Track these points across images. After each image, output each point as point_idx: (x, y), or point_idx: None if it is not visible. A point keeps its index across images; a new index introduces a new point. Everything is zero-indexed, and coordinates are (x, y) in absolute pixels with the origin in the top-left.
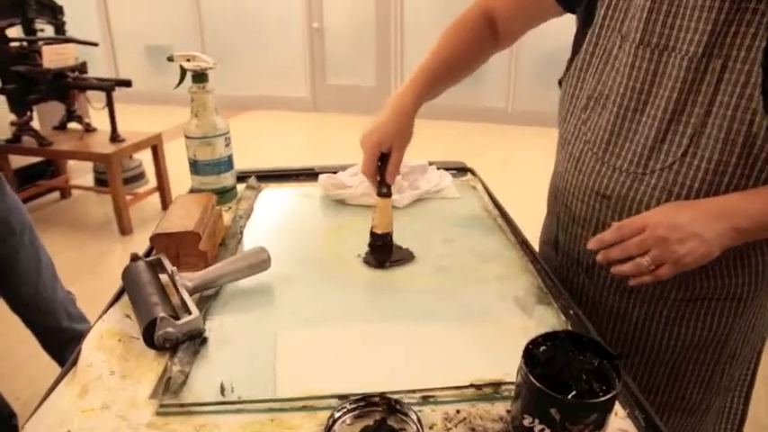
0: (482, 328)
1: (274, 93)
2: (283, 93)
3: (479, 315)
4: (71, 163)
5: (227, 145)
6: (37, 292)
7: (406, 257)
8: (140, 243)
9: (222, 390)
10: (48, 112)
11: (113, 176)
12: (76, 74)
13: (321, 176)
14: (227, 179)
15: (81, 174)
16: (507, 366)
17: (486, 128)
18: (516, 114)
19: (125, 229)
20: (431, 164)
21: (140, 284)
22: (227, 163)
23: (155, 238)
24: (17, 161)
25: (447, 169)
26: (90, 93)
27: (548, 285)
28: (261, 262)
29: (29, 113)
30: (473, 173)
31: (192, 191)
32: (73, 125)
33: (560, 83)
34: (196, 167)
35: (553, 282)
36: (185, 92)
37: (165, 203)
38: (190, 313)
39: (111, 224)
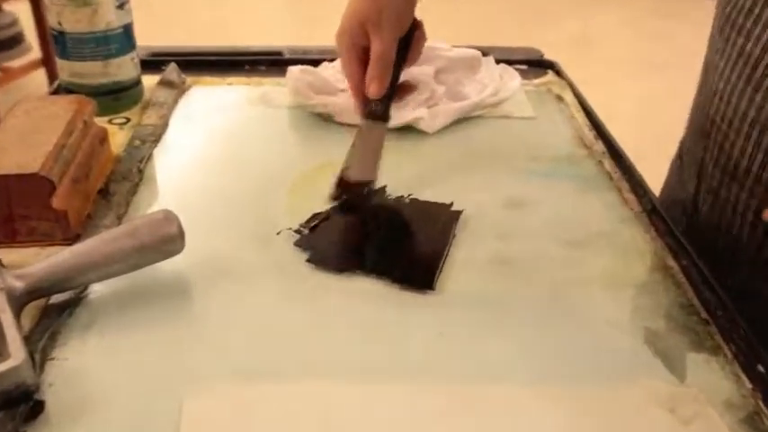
0: (580, 401)
1: None
2: None
3: (573, 368)
4: None
5: (122, 5)
6: None
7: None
8: None
9: None
10: None
11: None
12: None
13: (292, 70)
14: (120, 68)
15: None
16: None
17: None
18: None
19: None
20: (484, 54)
21: None
22: (122, 38)
23: None
24: None
25: (511, 63)
26: None
27: (708, 307)
28: (163, 240)
29: None
30: (557, 71)
31: (58, 91)
32: None
33: None
34: (63, 46)
35: (720, 299)
36: None
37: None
38: (5, 356)
39: None
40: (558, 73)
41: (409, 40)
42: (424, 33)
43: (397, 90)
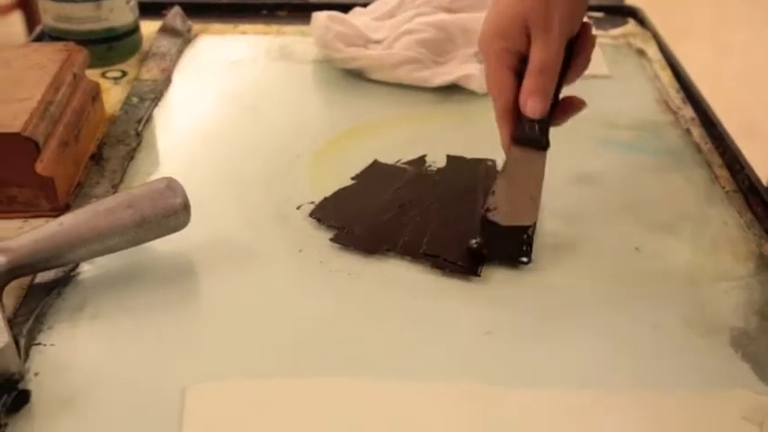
0: (651, 412)
1: None
2: None
3: (642, 374)
4: None
5: None
6: None
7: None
8: None
9: None
10: None
11: None
12: None
13: (318, 16)
14: (114, 11)
15: None
16: None
17: None
18: None
19: None
20: None
21: None
22: None
23: None
24: None
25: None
26: None
27: None
28: (165, 212)
29: None
30: (641, 19)
31: (41, 38)
32: None
33: None
34: None
35: None
36: None
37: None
38: None
39: None
40: (642, 22)
41: (573, 45)
42: (593, 37)
43: (556, 108)
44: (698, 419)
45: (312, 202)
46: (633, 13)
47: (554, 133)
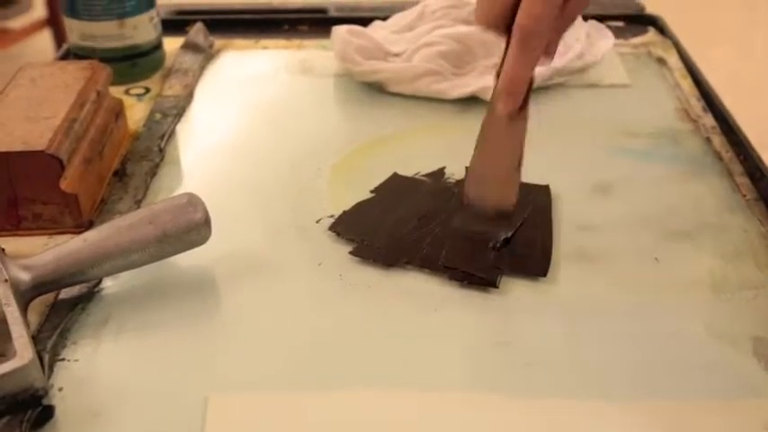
0: (672, 423)
1: None
2: None
3: (663, 385)
4: None
5: None
6: None
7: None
8: None
9: None
10: None
11: None
12: None
13: (337, 30)
14: (138, 29)
15: None
16: None
17: None
18: None
19: None
20: None
21: None
22: None
23: None
24: None
25: (603, 19)
26: None
27: None
28: (187, 227)
29: None
30: (661, 28)
31: (67, 56)
32: None
33: None
34: (72, 2)
35: None
36: None
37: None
38: (8, 355)
39: None
40: (662, 30)
41: None
42: None
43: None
44: (720, 430)
45: (332, 216)
46: (653, 22)
47: (572, 142)
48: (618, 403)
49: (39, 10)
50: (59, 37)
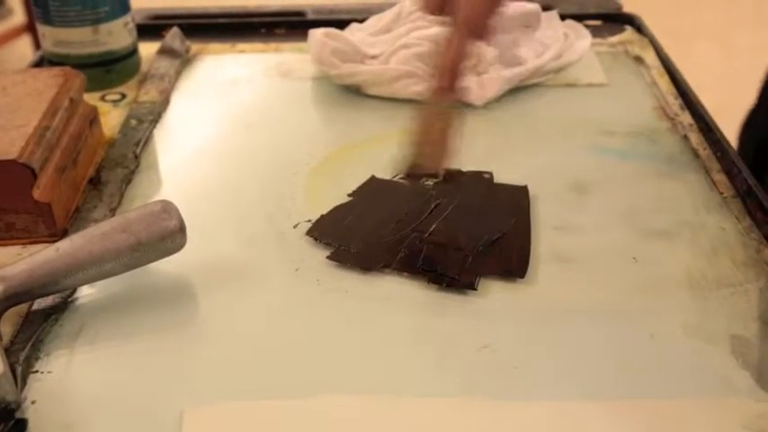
0: (651, 421)
1: None
2: None
3: (643, 383)
4: None
5: None
6: None
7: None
8: None
9: None
10: None
11: None
12: None
13: (314, 33)
14: (112, 34)
15: None
16: None
17: None
18: None
19: None
20: (545, 8)
21: None
22: None
23: None
24: None
25: (580, 18)
26: None
27: None
28: (161, 235)
29: None
30: (638, 26)
31: (41, 63)
32: None
33: None
34: (45, 8)
35: None
36: None
37: None
38: None
39: None
40: (640, 29)
41: None
42: None
43: None
44: (698, 428)
45: (309, 220)
46: (631, 21)
47: (550, 141)
48: (599, 403)
49: (19, 16)
50: (39, 43)
